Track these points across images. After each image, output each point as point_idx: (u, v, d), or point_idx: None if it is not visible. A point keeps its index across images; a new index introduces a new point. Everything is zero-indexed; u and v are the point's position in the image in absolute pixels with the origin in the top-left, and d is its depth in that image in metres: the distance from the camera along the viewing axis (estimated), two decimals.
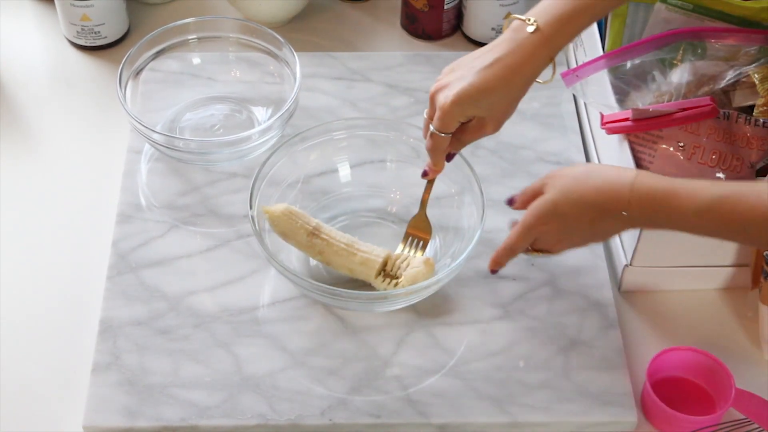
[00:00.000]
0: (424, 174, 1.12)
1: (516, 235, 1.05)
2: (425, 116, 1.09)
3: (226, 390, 1.05)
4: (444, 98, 1.03)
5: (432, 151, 1.08)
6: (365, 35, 1.47)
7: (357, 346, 1.09)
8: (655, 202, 0.95)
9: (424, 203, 1.15)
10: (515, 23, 1.03)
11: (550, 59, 1.03)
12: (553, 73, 1.05)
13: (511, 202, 1.09)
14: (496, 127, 1.07)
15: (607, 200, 0.98)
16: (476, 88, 1.02)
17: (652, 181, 0.96)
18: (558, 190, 1.01)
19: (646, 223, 0.99)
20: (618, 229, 1.03)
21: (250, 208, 1.11)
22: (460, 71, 1.04)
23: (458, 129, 1.06)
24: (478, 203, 1.12)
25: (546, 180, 1.04)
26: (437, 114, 1.04)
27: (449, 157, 1.10)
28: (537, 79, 1.04)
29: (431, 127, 1.06)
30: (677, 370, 1.08)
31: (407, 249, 1.15)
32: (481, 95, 1.02)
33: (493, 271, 1.08)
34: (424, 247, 1.15)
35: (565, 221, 1.01)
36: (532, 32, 1.01)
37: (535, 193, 1.04)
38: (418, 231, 1.16)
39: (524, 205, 1.06)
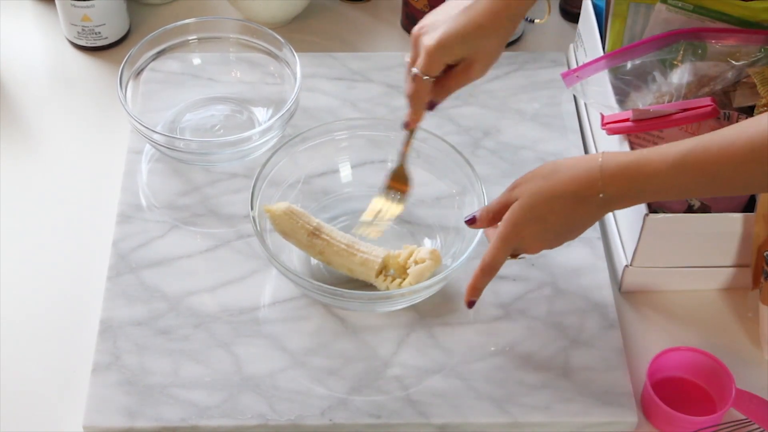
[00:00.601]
0: (405, 125, 1.08)
1: (494, 250, 1.00)
2: (406, 60, 1.05)
3: (226, 390, 1.05)
4: (429, 39, 1.00)
5: (413, 97, 1.04)
6: (366, 35, 1.47)
7: (357, 346, 1.09)
8: (627, 173, 0.93)
9: (403, 155, 1.13)
10: None
11: None
12: (548, 11, 1.01)
13: (472, 221, 1.04)
14: (483, 69, 1.02)
15: (581, 187, 0.95)
16: (464, 26, 0.99)
17: (618, 156, 0.94)
18: (530, 194, 0.97)
19: (624, 197, 0.95)
20: (596, 215, 0.98)
21: (251, 208, 1.11)
22: (444, 12, 1.01)
23: (443, 75, 1.03)
24: (479, 203, 1.12)
25: (512, 191, 1.00)
26: (422, 56, 1.01)
27: (431, 106, 1.05)
28: (535, 19, 1.00)
29: (414, 70, 1.02)
30: (678, 371, 1.08)
31: (386, 202, 1.13)
32: (469, 34, 0.99)
33: (470, 304, 1.04)
34: (402, 201, 1.14)
35: (544, 221, 0.98)
36: None
37: (502, 206, 1.00)
38: (397, 183, 1.13)
39: (490, 222, 1.02)
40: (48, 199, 1.25)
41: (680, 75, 1.14)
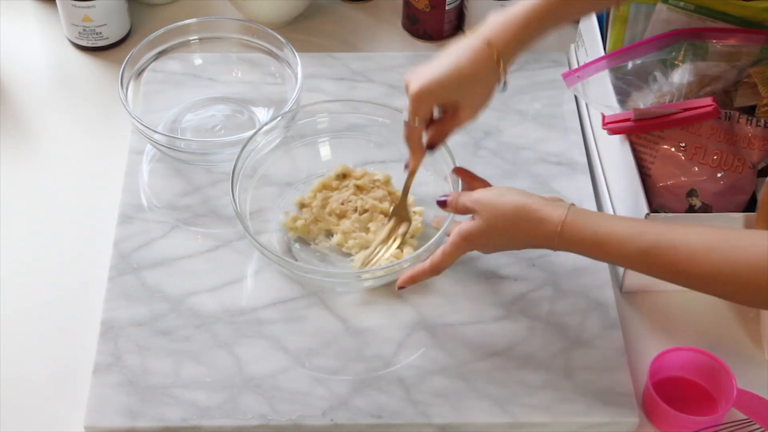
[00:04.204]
0: (406, 166, 1.11)
1: (444, 255, 1.04)
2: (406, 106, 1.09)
3: (227, 390, 1.05)
4: (413, 85, 1.04)
5: (408, 140, 1.08)
6: (367, 36, 1.47)
7: (358, 346, 1.09)
8: (582, 247, 0.98)
9: (405, 192, 1.15)
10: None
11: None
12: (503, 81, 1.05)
13: (443, 204, 1.07)
14: (470, 114, 1.06)
15: (536, 240, 1.00)
16: (446, 73, 1.02)
17: (577, 228, 0.97)
18: (489, 224, 1.02)
19: (575, 253, 1.00)
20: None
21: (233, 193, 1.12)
22: (436, 59, 1.04)
23: (435, 119, 1.07)
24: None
25: (476, 206, 1.03)
26: (408, 101, 1.05)
27: (431, 147, 1.09)
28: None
29: (403, 115, 1.06)
30: (679, 371, 1.08)
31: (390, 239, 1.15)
32: (451, 80, 1.03)
33: (401, 288, 1.07)
34: (403, 239, 1.15)
35: (496, 244, 1.04)
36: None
37: (466, 210, 1.04)
38: (398, 220, 1.16)
39: (456, 211, 1.06)
40: (49, 200, 1.25)
41: (681, 75, 1.14)
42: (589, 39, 1.29)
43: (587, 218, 0.98)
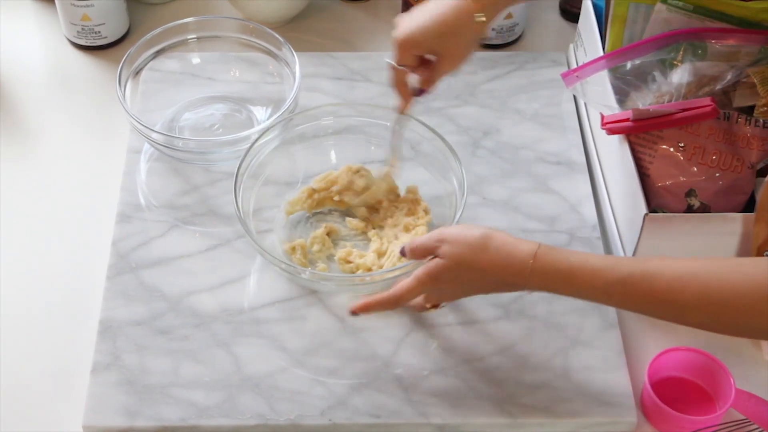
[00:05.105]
0: (397, 110, 1.14)
1: (407, 291, 1.01)
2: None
3: (225, 390, 1.05)
4: (398, 32, 1.07)
5: (394, 84, 1.11)
6: (365, 35, 1.47)
7: (357, 346, 1.09)
8: (554, 281, 0.96)
9: (394, 146, 1.17)
10: None
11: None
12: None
13: (402, 253, 1.04)
14: (452, 64, 1.09)
15: (508, 275, 0.97)
16: (428, 21, 1.05)
17: (550, 258, 0.95)
18: (454, 260, 0.98)
19: (546, 290, 0.98)
20: (513, 292, 1.00)
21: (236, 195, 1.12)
22: (421, 8, 1.07)
23: (421, 66, 1.09)
24: (458, 206, 1.12)
25: (439, 243, 0.99)
26: (392, 47, 1.08)
27: (419, 93, 1.12)
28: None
29: (387, 59, 1.09)
30: (677, 371, 1.08)
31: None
32: (432, 28, 1.05)
33: (354, 313, 1.04)
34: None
35: (463, 284, 1.00)
36: None
37: (426, 251, 1.01)
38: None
39: (415, 257, 1.03)
40: (47, 199, 1.25)
41: (680, 75, 1.14)
42: (588, 39, 1.29)
43: (559, 251, 0.96)
